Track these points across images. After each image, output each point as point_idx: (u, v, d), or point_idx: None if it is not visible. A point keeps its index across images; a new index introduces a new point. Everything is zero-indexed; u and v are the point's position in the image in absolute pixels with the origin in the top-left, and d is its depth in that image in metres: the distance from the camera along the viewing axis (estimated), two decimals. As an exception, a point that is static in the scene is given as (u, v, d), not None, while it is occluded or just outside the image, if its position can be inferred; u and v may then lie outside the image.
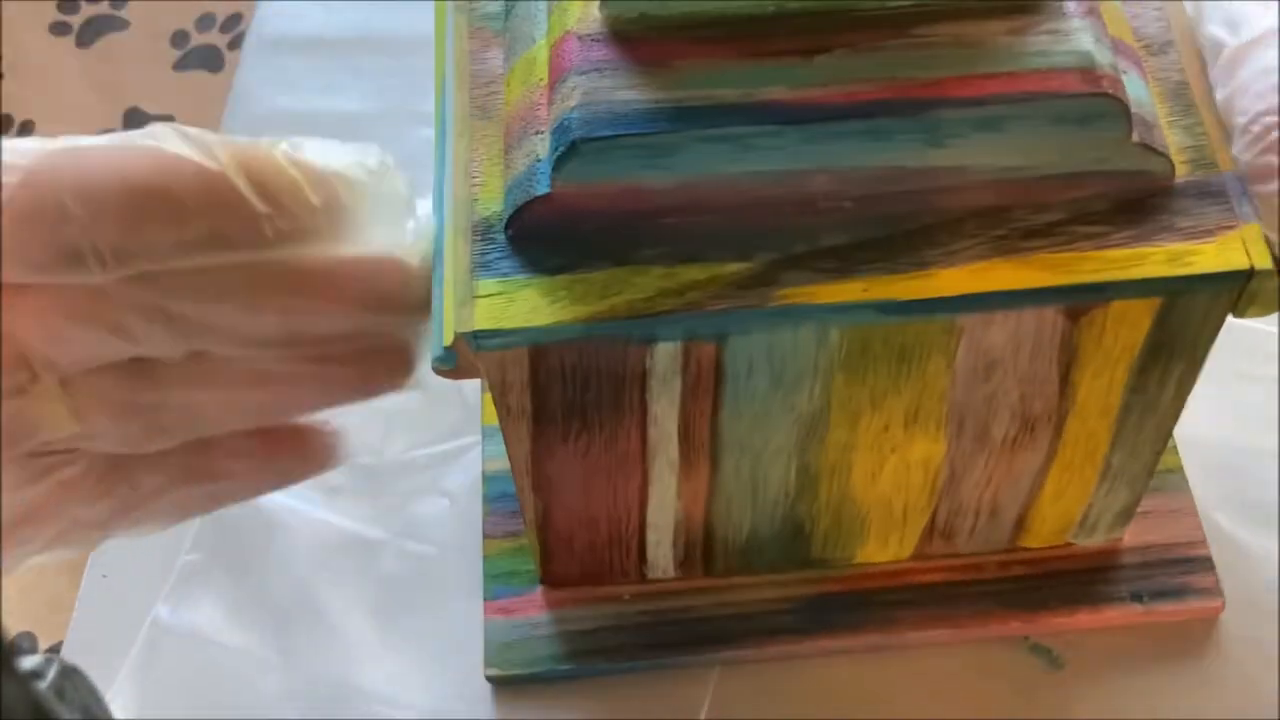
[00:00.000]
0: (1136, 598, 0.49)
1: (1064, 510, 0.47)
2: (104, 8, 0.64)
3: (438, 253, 0.38)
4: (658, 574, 0.49)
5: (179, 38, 0.65)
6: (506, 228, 0.37)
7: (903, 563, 0.49)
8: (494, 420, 0.48)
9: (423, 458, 0.55)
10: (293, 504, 0.54)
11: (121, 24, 0.64)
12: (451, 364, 0.36)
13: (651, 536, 0.47)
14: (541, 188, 0.36)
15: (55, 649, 0.54)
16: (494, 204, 0.38)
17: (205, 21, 0.65)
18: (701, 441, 0.42)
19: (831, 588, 0.49)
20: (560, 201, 0.36)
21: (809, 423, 0.41)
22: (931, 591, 0.49)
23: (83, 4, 0.63)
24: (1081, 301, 0.37)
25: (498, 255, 0.37)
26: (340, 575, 0.53)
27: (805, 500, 0.45)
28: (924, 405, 0.41)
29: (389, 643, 0.51)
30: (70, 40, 0.63)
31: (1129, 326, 0.38)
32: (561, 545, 0.47)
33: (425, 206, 0.39)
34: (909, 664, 0.49)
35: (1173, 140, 0.38)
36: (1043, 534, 0.49)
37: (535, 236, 0.37)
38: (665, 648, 0.49)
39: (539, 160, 0.37)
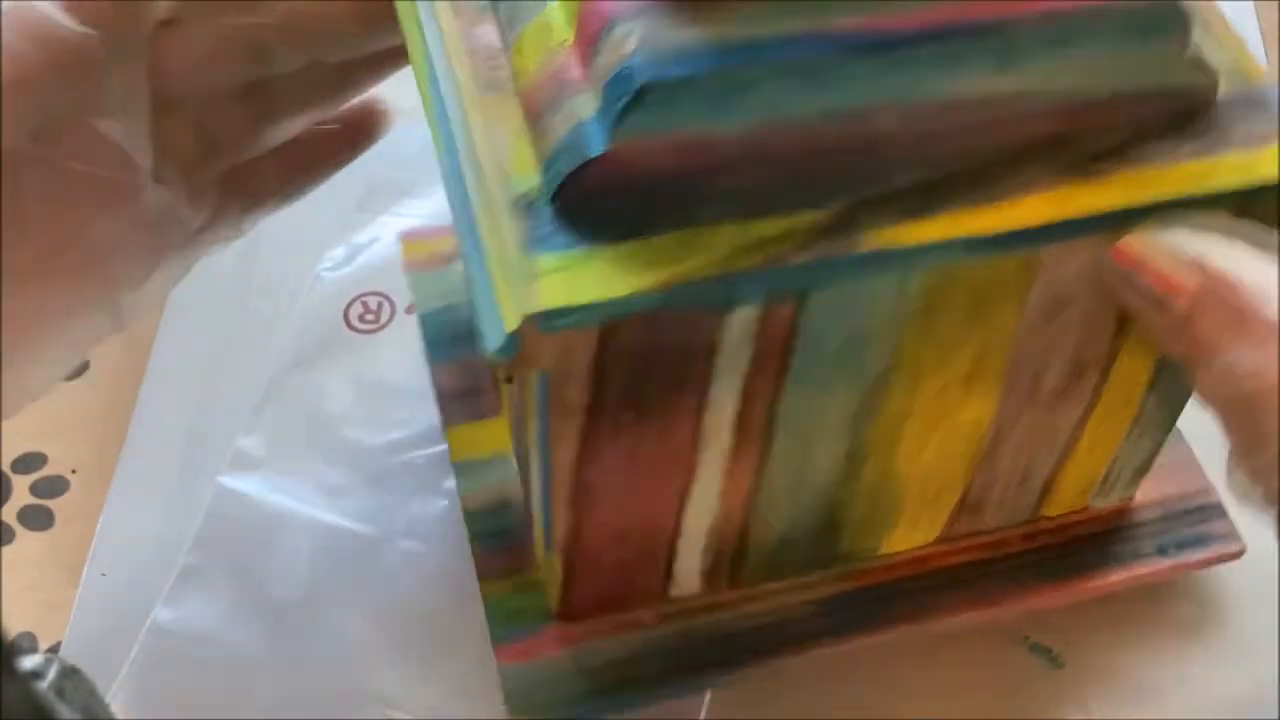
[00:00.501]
0: (1162, 551, 0.49)
1: (1090, 469, 0.47)
2: None
3: (465, 233, 0.34)
4: (681, 591, 0.46)
5: None
6: (554, 199, 0.34)
7: (927, 547, 0.48)
8: (467, 455, 0.48)
9: (421, 458, 0.54)
10: (293, 504, 0.54)
11: None
12: (513, 353, 0.33)
13: (683, 546, 0.44)
14: (595, 148, 0.33)
15: (55, 649, 0.52)
16: (529, 178, 0.34)
17: None
18: (757, 426, 0.39)
19: (858, 583, 0.47)
20: (617, 162, 0.33)
21: (870, 392, 0.40)
22: (959, 574, 0.48)
23: None
24: (1164, 217, 0.36)
25: (549, 229, 0.34)
26: (340, 576, 0.52)
27: (846, 486, 0.43)
28: (987, 359, 0.40)
29: (388, 643, 0.50)
30: None
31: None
32: (587, 569, 0.43)
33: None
34: (908, 664, 0.48)
35: (1208, 54, 0.37)
36: (1065, 499, 0.48)
37: (588, 205, 0.34)
38: (699, 669, 0.46)
39: (583, 122, 0.34)
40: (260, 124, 0.46)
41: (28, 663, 0.28)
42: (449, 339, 0.52)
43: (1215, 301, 0.34)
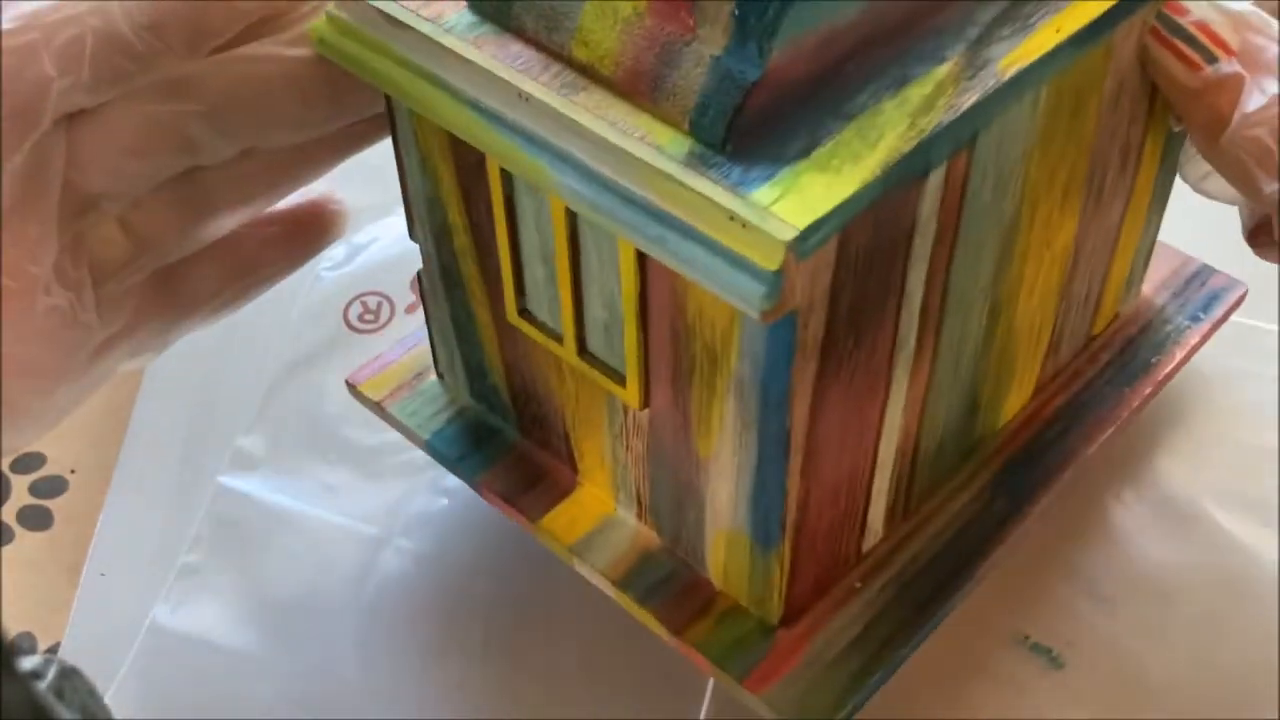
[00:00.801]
0: (1194, 319, 0.52)
1: (1122, 268, 0.49)
2: None
3: (645, 223, 0.33)
4: (871, 541, 0.44)
5: None
6: (725, 141, 0.32)
7: (1027, 408, 0.49)
8: (577, 536, 0.45)
9: (421, 457, 0.53)
10: (292, 504, 0.54)
11: None
12: (779, 294, 0.31)
13: (877, 482, 0.42)
14: (751, 75, 0.32)
15: (54, 649, 0.52)
16: (679, 141, 0.33)
17: None
18: (934, 310, 0.39)
19: (997, 464, 0.48)
20: (774, 78, 0.32)
21: (1006, 238, 0.40)
22: (1067, 413, 0.49)
23: None
24: None
25: (736, 171, 0.32)
26: (339, 574, 0.52)
27: (985, 356, 0.44)
28: (1076, 168, 0.42)
29: (387, 641, 0.51)
30: None
31: None
32: (809, 547, 0.41)
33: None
34: (908, 664, 0.47)
35: None
36: (1106, 310, 0.51)
37: (757, 135, 0.33)
38: (934, 599, 0.44)
39: (718, 58, 0.32)
40: (189, 221, 0.42)
41: (27, 663, 0.28)
42: (471, 449, 0.48)
43: (1253, 58, 0.38)
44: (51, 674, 0.30)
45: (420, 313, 0.49)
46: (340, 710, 0.49)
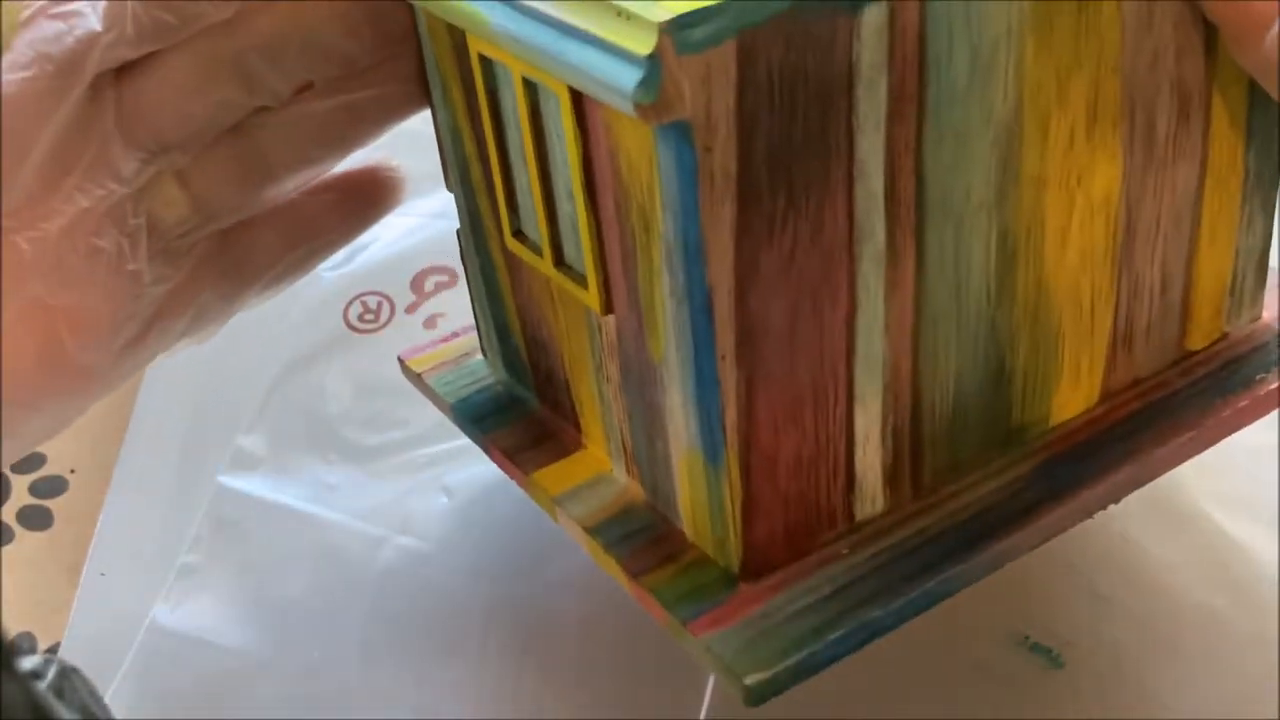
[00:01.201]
0: None
1: (1217, 265, 0.44)
2: None
3: (553, 40, 0.33)
4: (866, 508, 0.41)
5: None
6: None
7: (1093, 411, 0.44)
8: (564, 488, 0.43)
9: (422, 456, 0.55)
10: (292, 503, 0.54)
11: None
12: (655, 87, 0.30)
13: (861, 419, 0.39)
14: None
15: (54, 649, 0.52)
16: None
17: None
18: (907, 203, 0.36)
19: (1044, 456, 0.43)
20: None
21: (1005, 140, 0.37)
22: (1138, 420, 0.44)
23: None
24: None
25: None
26: (340, 573, 0.52)
27: (1005, 302, 0.40)
28: (1102, 85, 0.38)
29: (387, 641, 0.50)
30: None
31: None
32: (766, 470, 0.38)
33: None
34: (907, 664, 0.47)
35: None
36: (1203, 319, 0.45)
37: None
38: (925, 570, 0.39)
39: None
40: (247, 180, 0.43)
41: (27, 663, 0.28)
42: (489, 413, 0.48)
43: None
44: (51, 674, 0.30)
45: (418, 313, 0.50)
46: (340, 710, 0.48)
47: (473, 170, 0.43)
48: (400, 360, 0.51)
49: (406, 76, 0.44)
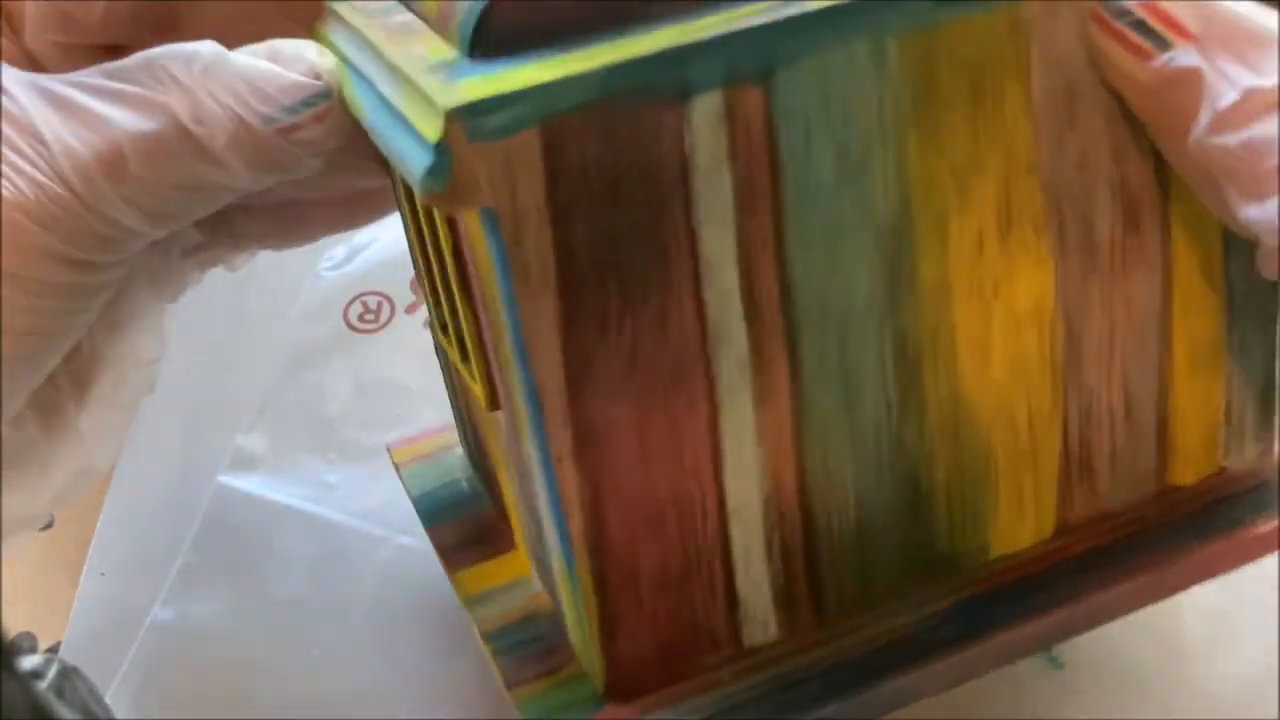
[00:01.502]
0: None
1: (1203, 394, 0.40)
2: None
3: (378, 110, 0.32)
4: (757, 634, 0.38)
5: None
6: (473, 50, 0.31)
7: (1048, 544, 0.40)
8: (481, 588, 0.43)
9: None
10: (293, 502, 0.54)
11: None
12: (444, 174, 0.29)
13: (738, 533, 0.36)
14: None
15: (55, 649, 0.53)
16: (439, 54, 0.32)
17: None
18: (771, 300, 0.34)
19: (976, 589, 0.39)
20: None
21: (892, 240, 0.34)
22: (1103, 552, 0.40)
23: None
24: None
25: (466, 71, 0.31)
26: (340, 573, 0.52)
27: (912, 416, 0.37)
28: (1015, 186, 0.35)
29: (388, 640, 0.50)
30: None
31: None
32: (625, 580, 0.36)
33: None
34: None
35: None
36: (1190, 451, 0.41)
37: (513, 45, 0.31)
38: (813, 705, 0.36)
39: None
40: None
41: (27, 663, 0.28)
42: (446, 508, 0.48)
43: (1219, 43, 0.31)
44: (51, 674, 0.30)
45: (418, 313, 0.53)
46: (340, 710, 0.48)
47: (417, 259, 0.43)
48: (387, 448, 0.51)
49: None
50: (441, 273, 0.38)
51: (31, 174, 0.36)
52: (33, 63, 0.39)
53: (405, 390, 0.52)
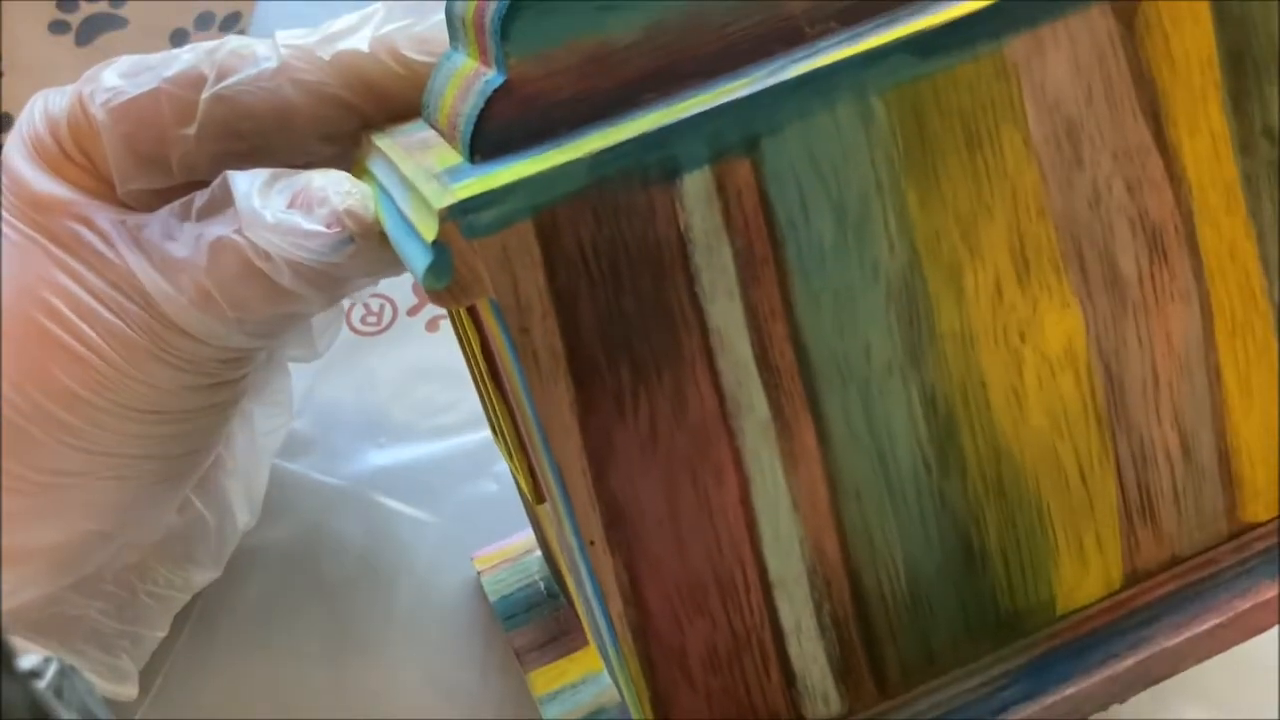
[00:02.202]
0: None
1: (1265, 421, 0.38)
2: (103, 6, 0.66)
3: (395, 218, 0.34)
4: (819, 709, 0.37)
5: (178, 36, 0.67)
6: (472, 154, 0.32)
7: (1119, 595, 0.39)
8: (554, 687, 0.44)
9: (471, 443, 0.54)
10: (341, 484, 0.54)
11: (120, 22, 0.66)
12: (445, 273, 0.30)
13: (785, 606, 0.36)
14: (495, 83, 0.32)
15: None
16: (444, 162, 0.33)
17: (204, 20, 0.67)
18: (788, 365, 0.34)
19: (1045, 647, 0.38)
20: (521, 87, 0.32)
21: (905, 295, 0.34)
22: (1175, 598, 0.38)
23: (81, 2, 0.66)
24: None
25: (465, 174, 0.32)
26: (387, 559, 0.52)
27: (952, 473, 0.36)
28: (1026, 230, 0.34)
29: (427, 626, 0.50)
30: (69, 39, 0.67)
31: (1191, 22, 0.34)
32: (672, 664, 0.35)
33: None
34: None
35: None
36: (1260, 486, 0.39)
37: (504, 144, 0.32)
38: None
39: (489, 80, 0.33)
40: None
41: (26, 662, 0.28)
42: (523, 610, 0.48)
43: None
44: (50, 673, 0.30)
45: (420, 316, 0.54)
46: (388, 699, 0.49)
47: (471, 370, 0.44)
48: (473, 558, 0.52)
49: None
50: (478, 373, 0.39)
51: (148, 323, 0.40)
52: (123, 204, 0.42)
53: (405, 391, 0.54)
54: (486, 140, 0.32)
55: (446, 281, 0.30)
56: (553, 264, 0.31)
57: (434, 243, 0.30)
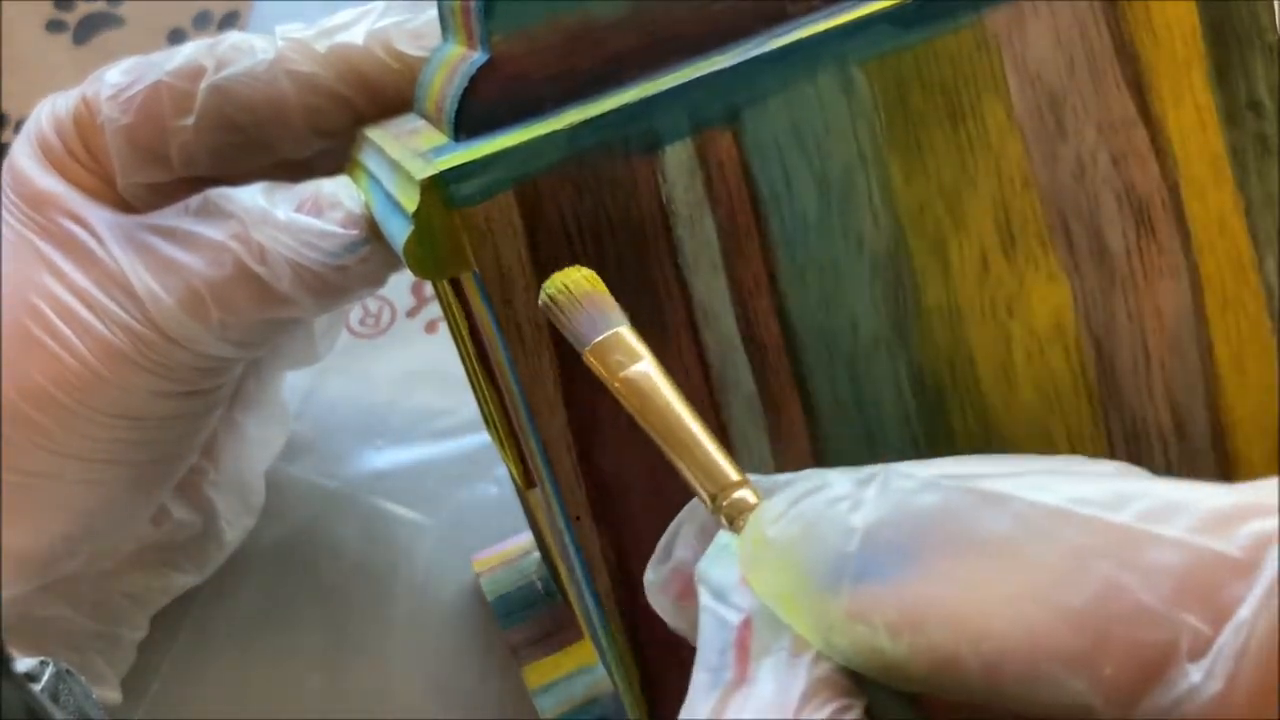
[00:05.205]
0: None
1: (1259, 400, 0.38)
2: (100, 5, 0.66)
3: (381, 197, 0.34)
4: None
5: (175, 35, 0.68)
6: (457, 132, 0.33)
7: None
8: (547, 680, 0.44)
9: (470, 446, 0.55)
10: (339, 487, 0.55)
11: (118, 21, 0.66)
12: (426, 243, 0.30)
13: None
14: (478, 61, 0.32)
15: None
16: (431, 142, 0.34)
17: (202, 19, 0.67)
18: (773, 339, 0.34)
19: None
20: (505, 65, 0.32)
21: (890, 269, 0.34)
22: None
23: (79, 2, 0.66)
24: None
25: (448, 150, 0.32)
26: (385, 562, 0.53)
27: (941, 448, 0.36)
28: (1012, 203, 0.34)
29: (425, 629, 0.51)
30: (66, 37, 0.67)
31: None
32: (660, 642, 0.35)
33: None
34: None
35: None
36: (1255, 464, 0.39)
37: (488, 122, 0.32)
38: None
39: (469, 62, 0.33)
40: None
41: (23, 665, 0.29)
42: (519, 608, 0.49)
43: None
44: (47, 676, 0.30)
45: (419, 317, 0.55)
46: (382, 700, 0.49)
47: (464, 366, 0.44)
48: (472, 559, 0.52)
49: None
50: (467, 358, 0.38)
51: (129, 325, 0.40)
52: (123, 204, 0.43)
53: (405, 392, 0.55)
54: (471, 118, 0.32)
55: (427, 253, 0.31)
56: (535, 235, 0.31)
57: (415, 213, 0.30)
